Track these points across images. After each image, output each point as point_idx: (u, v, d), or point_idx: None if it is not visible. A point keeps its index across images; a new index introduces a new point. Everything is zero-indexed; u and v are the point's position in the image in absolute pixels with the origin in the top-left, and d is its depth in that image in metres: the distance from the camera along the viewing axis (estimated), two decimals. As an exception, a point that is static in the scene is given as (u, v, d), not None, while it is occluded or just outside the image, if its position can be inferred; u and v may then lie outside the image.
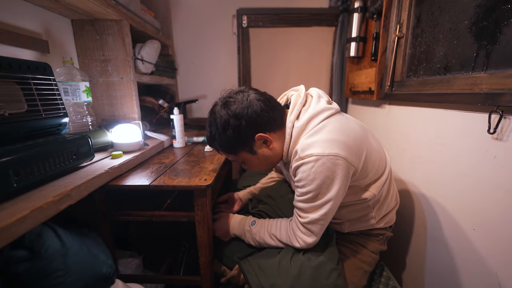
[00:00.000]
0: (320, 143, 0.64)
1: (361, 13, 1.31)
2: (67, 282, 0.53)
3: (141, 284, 0.78)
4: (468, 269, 0.74)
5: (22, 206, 0.47)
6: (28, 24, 0.83)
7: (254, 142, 0.71)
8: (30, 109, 0.61)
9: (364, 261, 0.79)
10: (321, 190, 0.65)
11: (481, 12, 0.69)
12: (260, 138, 0.70)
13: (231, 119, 0.68)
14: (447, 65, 0.81)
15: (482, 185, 0.69)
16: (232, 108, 0.68)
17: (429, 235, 0.89)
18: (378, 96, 1.16)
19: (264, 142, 0.72)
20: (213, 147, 0.76)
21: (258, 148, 0.72)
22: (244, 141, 0.71)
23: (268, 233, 0.77)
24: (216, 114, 0.70)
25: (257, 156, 0.73)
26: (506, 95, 0.59)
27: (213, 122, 0.71)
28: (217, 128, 0.69)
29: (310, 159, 0.64)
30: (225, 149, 0.73)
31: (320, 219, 0.67)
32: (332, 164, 0.63)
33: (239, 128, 0.68)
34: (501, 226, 0.64)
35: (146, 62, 1.21)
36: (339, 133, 0.66)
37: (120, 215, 0.78)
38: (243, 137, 0.69)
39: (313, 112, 0.70)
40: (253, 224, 0.82)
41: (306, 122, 0.70)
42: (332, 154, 0.62)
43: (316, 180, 0.64)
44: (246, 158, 0.75)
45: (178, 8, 1.70)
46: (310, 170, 0.64)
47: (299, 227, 0.70)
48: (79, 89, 0.89)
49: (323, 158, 0.62)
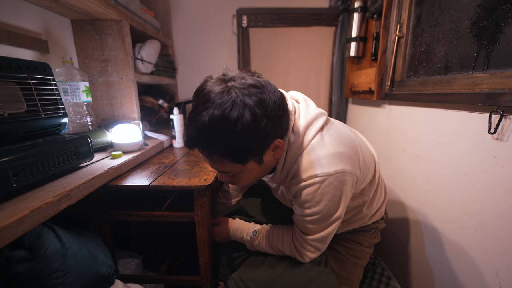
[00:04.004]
0: (324, 160, 0.58)
1: (361, 13, 1.31)
2: (66, 282, 0.53)
3: (141, 284, 0.78)
4: (468, 270, 0.74)
5: (21, 206, 0.47)
6: (27, 24, 0.83)
7: (268, 148, 0.57)
8: (30, 109, 0.61)
9: (359, 258, 0.79)
10: (329, 210, 0.61)
11: (481, 12, 0.69)
12: (278, 144, 0.57)
13: (260, 114, 0.50)
14: (447, 65, 0.81)
15: (483, 185, 0.68)
16: (263, 98, 0.51)
17: (429, 235, 0.89)
18: (378, 96, 1.15)
19: (273, 149, 0.58)
20: (207, 149, 0.54)
21: (266, 157, 0.58)
22: (261, 145, 0.55)
23: (270, 245, 0.74)
24: (232, 101, 0.49)
25: (260, 167, 0.60)
26: (507, 95, 0.59)
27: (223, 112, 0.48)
28: (234, 122, 0.49)
29: (315, 180, 0.57)
30: (233, 155, 0.54)
31: (327, 236, 0.65)
32: (339, 182, 0.58)
33: (265, 128, 0.52)
34: (502, 226, 0.64)
35: (146, 62, 1.21)
36: (340, 144, 0.60)
37: (120, 215, 0.78)
38: (262, 140, 0.54)
39: (306, 121, 0.61)
40: (253, 234, 0.78)
41: (302, 135, 0.60)
42: (338, 171, 0.57)
43: (323, 201, 0.59)
44: (247, 169, 0.59)
45: (178, 8, 1.70)
46: (316, 192, 0.58)
47: (304, 245, 0.67)
48: (79, 89, 0.89)
49: (329, 178, 0.57)
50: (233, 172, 0.60)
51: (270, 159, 0.60)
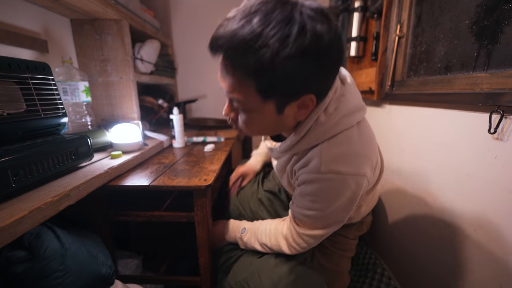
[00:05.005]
0: (352, 158, 0.52)
1: (361, 13, 1.31)
2: (66, 282, 0.52)
3: (141, 285, 0.78)
4: (468, 269, 0.74)
5: (20, 206, 0.46)
6: (27, 24, 0.83)
7: (296, 98, 0.47)
8: (29, 109, 0.61)
9: (345, 250, 0.82)
10: (337, 210, 0.56)
11: (482, 11, 0.69)
12: (308, 102, 0.48)
13: (316, 49, 0.41)
14: (447, 65, 0.81)
15: (483, 185, 0.68)
16: (334, 28, 0.43)
17: (429, 235, 0.89)
18: (379, 96, 1.15)
19: (299, 105, 0.49)
20: (236, 58, 0.43)
21: (288, 110, 0.50)
22: (293, 87, 0.45)
23: (258, 242, 0.72)
24: (295, 19, 0.40)
25: (275, 117, 0.50)
26: (507, 95, 0.59)
27: (284, 21, 0.40)
28: (285, 41, 0.39)
29: (333, 176, 0.51)
30: (261, 79, 0.43)
31: (323, 235, 0.60)
32: (357, 185, 0.53)
33: (319, 70, 0.44)
34: (502, 226, 0.63)
35: (145, 61, 1.21)
36: (369, 145, 0.55)
37: (120, 215, 0.78)
38: (298, 81, 0.44)
39: (348, 108, 0.53)
40: (243, 232, 0.77)
41: (336, 120, 0.52)
42: (361, 174, 0.52)
43: (334, 200, 0.54)
44: (263, 110, 0.49)
45: (177, 8, 1.70)
46: (330, 189, 0.53)
47: (295, 237, 0.63)
48: (78, 89, 0.89)
49: (350, 179, 0.52)
50: (245, 106, 0.49)
51: (290, 117, 0.51)
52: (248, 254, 0.76)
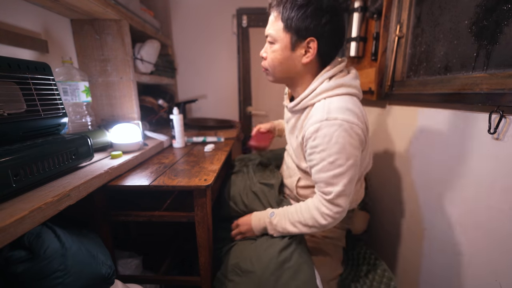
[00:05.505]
0: (348, 111, 0.67)
1: (361, 13, 1.31)
2: (66, 282, 0.52)
3: (141, 285, 0.78)
4: (468, 270, 0.74)
5: (21, 206, 0.47)
6: (27, 24, 0.83)
7: (303, 40, 0.70)
8: (29, 109, 0.61)
9: (332, 238, 0.89)
10: (341, 155, 0.66)
11: (481, 12, 0.69)
12: (312, 44, 0.70)
13: (325, 5, 0.68)
14: (447, 65, 0.81)
15: (482, 185, 0.68)
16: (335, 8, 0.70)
17: (428, 235, 0.89)
18: (378, 96, 1.15)
19: (306, 48, 0.71)
20: (277, 4, 0.72)
21: (298, 50, 0.72)
22: (308, 26, 0.68)
23: (290, 222, 0.76)
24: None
25: (289, 53, 0.73)
26: (507, 95, 0.59)
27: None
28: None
29: (335, 122, 0.66)
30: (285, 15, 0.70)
31: (344, 190, 0.68)
32: (355, 132, 0.67)
33: (318, 22, 0.68)
34: (501, 226, 0.64)
35: (145, 62, 1.21)
36: (360, 111, 0.70)
37: (120, 215, 0.78)
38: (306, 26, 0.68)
39: (345, 82, 0.72)
40: (272, 215, 0.80)
41: (337, 85, 0.71)
42: (355, 123, 0.67)
43: (338, 143, 0.66)
44: (281, 42, 0.73)
45: (177, 8, 1.70)
46: (333, 133, 0.66)
47: (325, 204, 0.71)
48: (78, 89, 0.89)
49: (344, 124, 0.65)
50: (273, 38, 0.73)
51: (298, 58, 0.73)
52: (239, 244, 0.80)
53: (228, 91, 1.81)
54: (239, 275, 0.73)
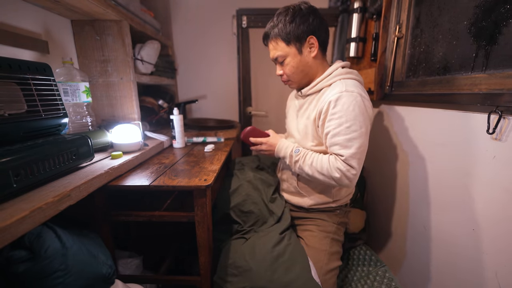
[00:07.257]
0: (356, 87, 0.81)
1: (360, 14, 1.31)
2: (66, 282, 0.53)
3: (141, 285, 0.78)
4: (467, 269, 0.74)
5: (21, 206, 0.47)
6: (28, 25, 0.83)
7: (305, 41, 0.84)
8: (30, 110, 0.61)
9: (328, 231, 0.92)
10: (356, 121, 0.76)
11: (480, 12, 0.69)
12: (312, 41, 0.84)
13: (305, 11, 0.83)
14: (446, 66, 0.81)
15: (481, 185, 0.69)
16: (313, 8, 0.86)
17: (428, 235, 0.89)
18: (378, 97, 1.16)
19: (310, 46, 0.85)
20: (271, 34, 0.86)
21: (305, 49, 0.85)
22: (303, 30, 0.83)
23: (309, 165, 0.84)
24: (293, 5, 0.84)
25: (299, 56, 0.86)
26: (505, 96, 0.59)
27: (285, 10, 0.85)
28: (288, 14, 0.83)
29: (352, 94, 0.78)
30: (283, 34, 0.84)
31: (356, 152, 0.77)
32: (366, 106, 0.79)
33: (308, 23, 0.83)
34: (500, 225, 0.64)
35: (145, 62, 1.21)
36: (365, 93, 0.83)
37: (120, 215, 0.78)
38: (302, 30, 0.83)
39: (354, 72, 0.88)
40: (297, 151, 0.88)
41: (348, 72, 0.86)
42: (363, 94, 0.80)
43: (354, 111, 0.76)
44: (291, 54, 0.86)
45: (177, 9, 1.70)
46: (351, 102, 0.77)
47: (340, 161, 0.79)
48: (79, 89, 0.89)
49: (357, 96, 0.78)
50: (282, 56, 0.87)
51: (307, 56, 0.86)
52: (233, 243, 0.84)
53: (228, 91, 1.82)
54: (235, 274, 0.75)
